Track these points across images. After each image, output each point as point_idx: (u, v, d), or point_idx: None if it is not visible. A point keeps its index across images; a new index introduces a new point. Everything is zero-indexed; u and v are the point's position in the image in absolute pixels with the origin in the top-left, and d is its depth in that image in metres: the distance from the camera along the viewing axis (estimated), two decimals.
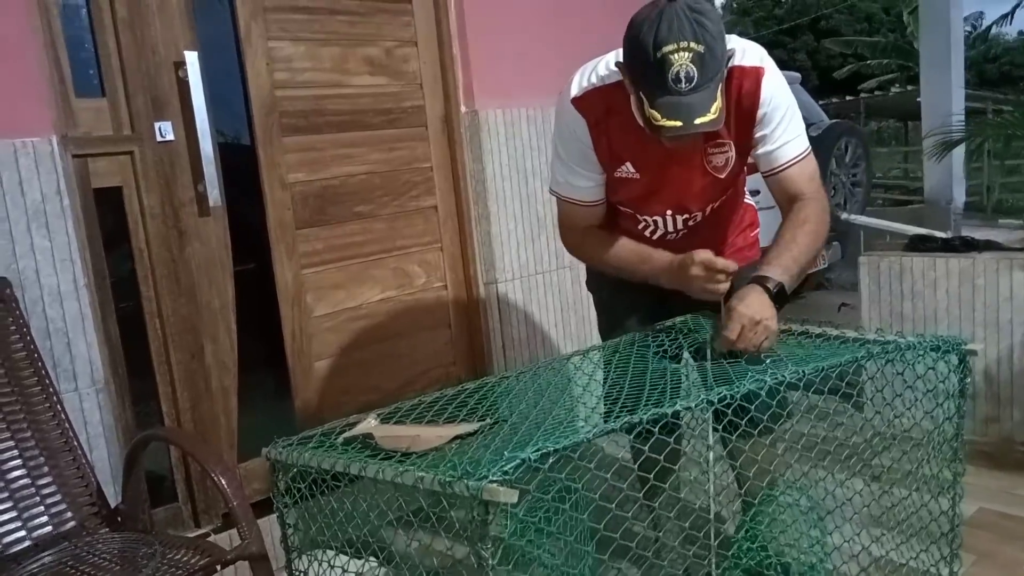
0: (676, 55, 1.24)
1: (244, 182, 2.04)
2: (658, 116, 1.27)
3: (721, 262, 1.40)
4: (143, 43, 1.82)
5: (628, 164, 1.50)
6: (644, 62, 1.27)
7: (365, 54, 2.26)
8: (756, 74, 1.42)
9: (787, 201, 1.50)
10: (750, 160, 1.56)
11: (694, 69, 1.24)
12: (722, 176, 1.53)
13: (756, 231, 1.77)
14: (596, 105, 1.46)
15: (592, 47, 1.55)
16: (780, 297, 1.39)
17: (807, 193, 1.48)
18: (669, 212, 1.58)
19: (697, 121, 1.26)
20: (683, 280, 1.44)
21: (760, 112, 1.45)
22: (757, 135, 1.48)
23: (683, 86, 1.25)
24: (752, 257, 1.71)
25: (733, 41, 1.40)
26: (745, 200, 1.73)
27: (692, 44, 1.24)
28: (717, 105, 1.28)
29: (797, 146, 1.49)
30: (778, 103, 1.45)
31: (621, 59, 1.37)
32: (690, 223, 1.60)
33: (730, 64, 1.36)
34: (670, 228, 1.61)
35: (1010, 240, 2.63)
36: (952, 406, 1.39)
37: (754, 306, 1.35)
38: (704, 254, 1.41)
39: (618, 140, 1.48)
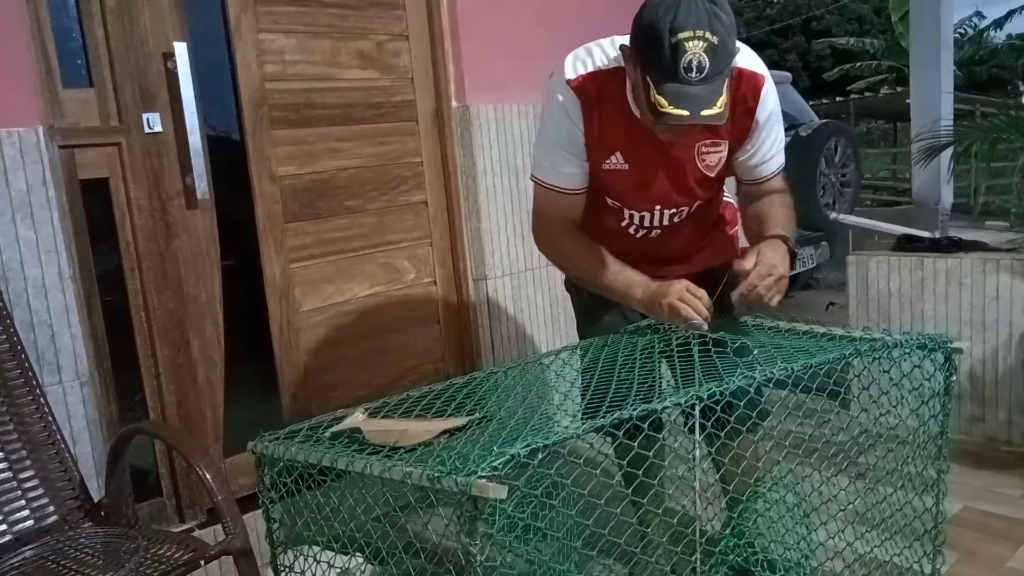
0: (691, 43, 1.22)
1: (232, 175, 2.02)
2: (664, 103, 1.25)
3: (698, 295, 1.41)
4: (132, 33, 1.80)
5: (617, 154, 1.48)
6: (657, 46, 1.24)
7: (356, 48, 2.25)
8: (755, 81, 1.42)
9: (760, 198, 1.57)
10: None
11: (706, 59, 1.23)
12: (712, 174, 1.53)
13: (735, 228, 1.77)
14: (590, 91, 1.44)
15: (585, 42, 1.54)
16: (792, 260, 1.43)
17: (783, 192, 1.58)
18: (658, 207, 1.56)
19: (704, 113, 1.26)
20: (657, 303, 1.44)
21: (756, 119, 1.45)
22: (748, 143, 1.49)
23: (693, 75, 1.24)
24: (731, 255, 1.71)
25: None
26: (724, 197, 1.73)
27: (707, 34, 1.23)
28: (723, 100, 1.27)
29: (780, 160, 1.55)
30: (774, 115, 1.48)
31: (622, 43, 1.36)
32: (675, 219, 1.60)
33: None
34: (656, 224, 1.59)
35: (997, 241, 2.66)
36: (937, 404, 1.40)
37: (777, 256, 1.39)
38: (680, 286, 1.42)
39: (608, 128, 1.46)
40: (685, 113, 1.25)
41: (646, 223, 1.59)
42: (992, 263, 2.42)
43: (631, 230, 1.61)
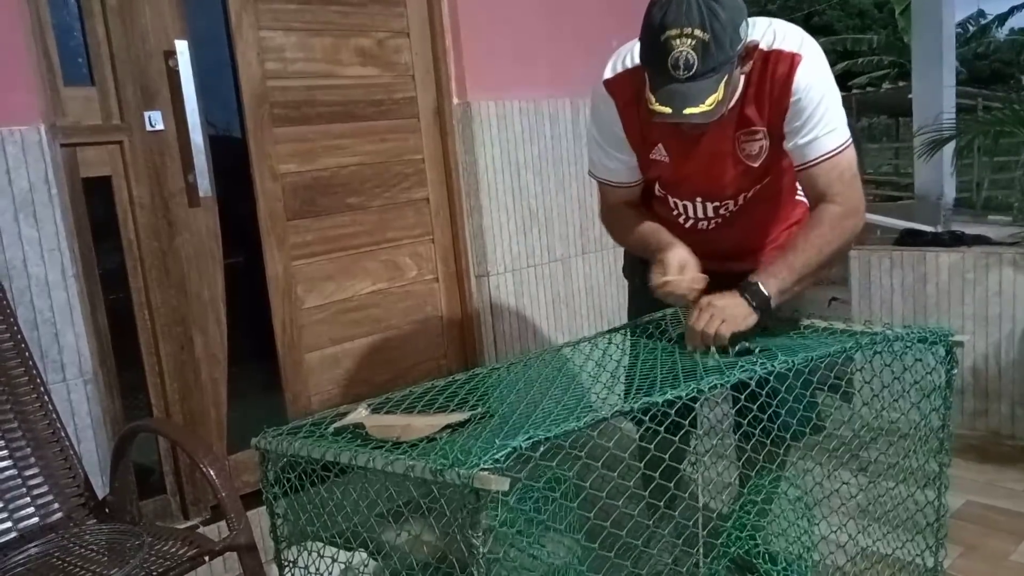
0: (678, 40, 1.22)
1: (234, 173, 2.03)
2: (652, 100, 1.26)
3: (665, 270, 1.41)
4: (133, 31, 1.81)
5: (660, 147, 1.50)
6: (649, 44, 1.26)
7: (357, 45, 2.25)
8: (791, 61, 1.36)
9: (815, 201, 1.43)
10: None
11: (694, 57, 1.22)
12: (755, 164, 1.47)
13: None
14: (626, 88, 1.45)
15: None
16: (758, 299, 1.37)
17: (833, 193, 1.40)
18: (699, 199, 1.55)
19: (686, 111, 1.25)
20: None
21: (791, 100, 1.38)
22: (788, 127, 1.41)
23: (681, 73, 1.23)
24: None
25: (774, 24, 1.38)
26: (797, 197, 1.61)
27: (697, 31, 1.21)
28: (715, 98, 1.25)
29: (830, 141, 1.39)
30: (812, 94, 1.36)
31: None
32: (722, 212, 1.56)
33: (769, 47, 1.35)
34: (700, 215, 1.57)
35: (999, 236, 2.65)
36: (939, 398, 1.40)
37: (719, 297, 1.37)
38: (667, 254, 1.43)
39: (649, 122, 1.43)
40: (668, 111, 1.25)
41: (690, 213, 1.58)
42: (995, 257, 2.42)
43: (680, 219, 1.61)
